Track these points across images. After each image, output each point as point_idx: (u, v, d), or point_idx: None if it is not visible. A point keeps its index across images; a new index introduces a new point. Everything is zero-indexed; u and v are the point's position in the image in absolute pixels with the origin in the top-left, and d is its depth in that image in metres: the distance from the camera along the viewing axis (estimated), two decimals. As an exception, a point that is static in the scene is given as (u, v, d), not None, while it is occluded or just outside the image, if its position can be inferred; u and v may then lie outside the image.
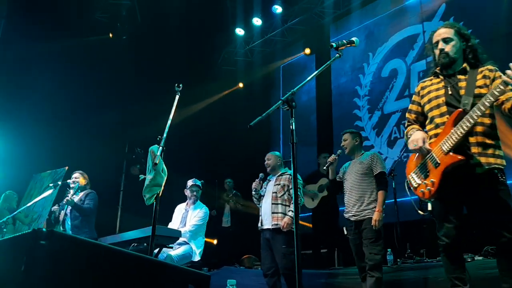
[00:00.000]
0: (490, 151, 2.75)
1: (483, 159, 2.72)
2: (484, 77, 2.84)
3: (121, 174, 9.72)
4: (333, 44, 2.72)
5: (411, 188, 2.99)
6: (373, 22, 9.04)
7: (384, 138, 8.26)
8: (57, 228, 5.60)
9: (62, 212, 5.64)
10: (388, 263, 5.06)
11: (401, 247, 5.54)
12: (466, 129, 2.67)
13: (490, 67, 2.88)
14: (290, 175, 4.96)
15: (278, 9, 9.63)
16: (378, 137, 8.38)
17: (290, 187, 4.88)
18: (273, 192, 4.87)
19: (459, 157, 2.67)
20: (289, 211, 4.74)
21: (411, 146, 2.93)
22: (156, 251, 4.48)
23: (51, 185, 5.87)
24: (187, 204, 5.63)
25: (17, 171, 7.57)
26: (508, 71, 2.51)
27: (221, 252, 8.49)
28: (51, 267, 1.25)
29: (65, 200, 5.43)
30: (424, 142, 2.84)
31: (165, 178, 3.22)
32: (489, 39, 6.92)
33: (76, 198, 5.70)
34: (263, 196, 5.00)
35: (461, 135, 2.68)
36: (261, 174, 5.14)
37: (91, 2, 8.96)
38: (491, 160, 2.73)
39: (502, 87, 2.55)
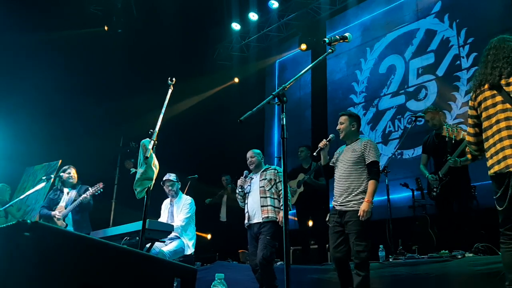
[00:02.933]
0: None
1: None
2: None
3: (115, 168, 9.69)
4: (326, 39, 2.71)
5: None
6: (369, 18, 9.05)
7: (379, 133, 8.28)
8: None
9: (63, 204, 5.63)
10: (380, 259, 5.07)
11: (393, 243, 5.56)
12: None
13: None
14: (275, 169, 4.99)
15: (274, 4, 9.61)
16: (372, 132, 8.40)
17: (277, 181, 4.89)
18: (260, 187, 4.88)
19: None
20: (281, 205, 4.73)
21: None
22: (148, 245, 4.46)
23: (43, 178, 5.87)
24: (170, 199, 5.64)
25: (10, 164, 7.54)
26: None
27: (219, 246, 8.48)
28: (35, 259, 1.25)
29: (82, 197, 5.42)
30: None
31: (156, 172, 3.21)
32: (485, 36, 6.94)
33: (73, 193, 5.69)
34: (248, 193, 4.99)
35: None
36: (245, 172, 5.14)
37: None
38: None
39: None
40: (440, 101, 7.25)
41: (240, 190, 5.07)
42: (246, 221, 4.95)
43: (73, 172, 5.78)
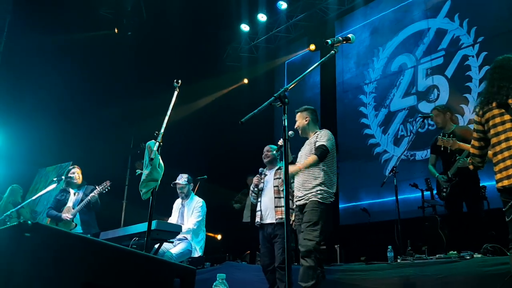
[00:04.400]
0: None
1: None
2: None
3: (126, 168, 9.78)
4: (328, 40, 2.71)
5: None
6: (377, 18, 9.01)
7: (391, 136, 8.23)
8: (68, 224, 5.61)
9: (70, 205, 5.71)
10: (388, 260, 5.06)
11: (401, 244, 5.53)
12: None
13: None
14: None
15: (283, 5, 9.63)
16: (384, 135, 8.36)
17: (292, 181, 4.83)
18: (274, 186, 4.79)
19: None
20: (294, 205, 4.68)
21: None
22: (156, 246, 4.51)
23: (55, 179, 5.95)
24: (182, 199, 5.68)
25: (22, 165, 7.65)
26: None
27: (234, 247, 8.48)
28: (36, 259, 1.28)
29: (90, 196, 5.49)
30: None
31: (162, 173, 3.25)
32: (494, 35, 6.90)
33: (79, 195, 5.76)
34: (262, 191, 4.91)
35: None
36: (260, 169, 5.08)
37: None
38: None
39: None
40: (452, 102, 7.19)
41: (255, 189, 4.98)
42: (258, 219, 4.85)
43: (77, 172, 5.85)
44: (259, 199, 4.93)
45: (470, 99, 7.07)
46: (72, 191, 5.78)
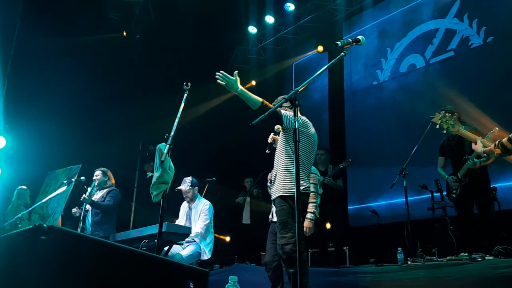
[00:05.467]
0: None
1: None
2: None
3: (135, 171, 9.81)
4: (338, 42, 2.71)
5: None
6: (386, 19, 8.97)
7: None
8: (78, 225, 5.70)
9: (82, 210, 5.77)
10: (398, 262, 5.03)
11: (411, 246, 5.50)
12: None
13: None
14: None
15: (290, 6, 9.63)
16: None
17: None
18: None
19: None
20: (308, 212, 4.57)
21: None
22: (166, 248, 4.53)
23: (64, 182, 5.99)
24: (188, 202, 5.72)
25: (32, 168, 7.68)
26: None
27: (240, 249, 8.48)
28: (51, 262, 1.29)
29: (82, 198, 5.54)
30: None
31: (172, 176, 3.27)
32: (504, 36, 6.83)
33: (98, 195, 5.81)
34: None
35: None
36: None
37: (104, 1, 9.09)
38: None
39: None
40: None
41: (269, 184, 4.88)
42: (270, 216, 4.79)
43: (96, 173, 5.92)
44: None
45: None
46: (99, 193, 5.87)
